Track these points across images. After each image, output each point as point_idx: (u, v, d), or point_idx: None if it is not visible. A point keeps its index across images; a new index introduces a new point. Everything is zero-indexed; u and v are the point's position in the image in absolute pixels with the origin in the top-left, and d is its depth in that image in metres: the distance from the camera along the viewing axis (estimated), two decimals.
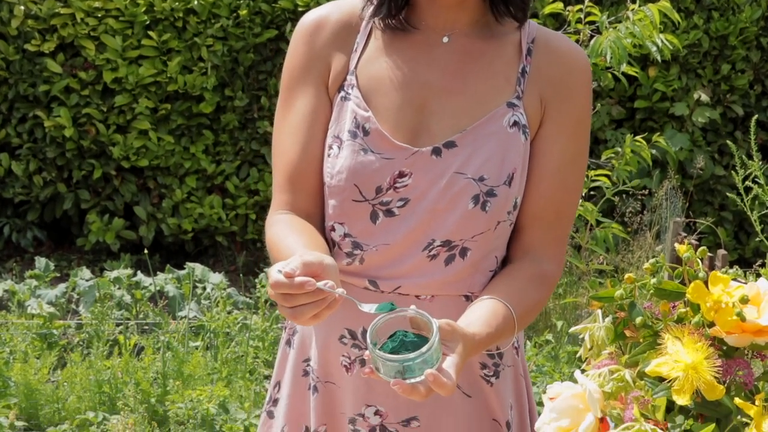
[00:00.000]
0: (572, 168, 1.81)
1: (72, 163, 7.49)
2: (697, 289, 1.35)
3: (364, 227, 1.77)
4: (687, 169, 7.17)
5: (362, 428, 1.80)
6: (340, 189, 1.77)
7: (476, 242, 1.76)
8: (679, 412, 1.31)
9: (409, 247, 1.75)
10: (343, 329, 1.80)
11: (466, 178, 1.73)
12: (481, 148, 1.74)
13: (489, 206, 1.74)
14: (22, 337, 5.40)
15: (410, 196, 1.75)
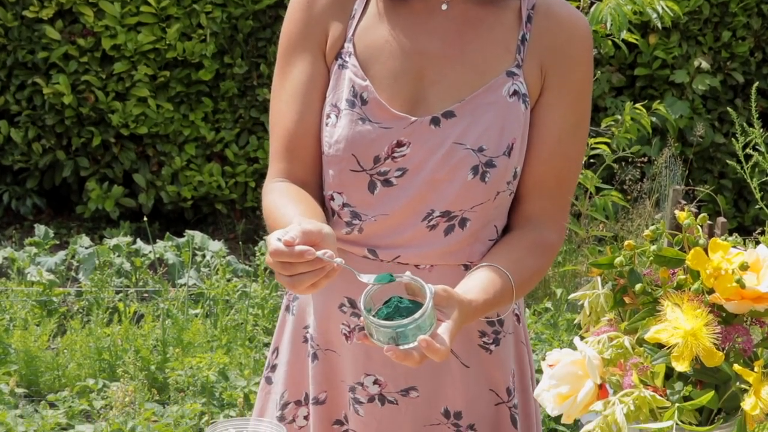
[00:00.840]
0: (573, 137, 1.80)
1: (71, 130, 7.48)
2: (697, 256, 1.35)
3: (362, 197, 1.77)
4: (687, 137, 7.15)
5: (361, 397, 1.80)
6: (338, 159, 1.77)
7: (475, 213, 1.75)
8: (678, 379, 1.31)
9: (408, 217, 1.75)
10: (343, 298, 1.80)
11: (465, 148, 1.72)
12: (480, 118, 1.73)
13: (488, 177, 1.73)
14: (21, 305, 5.40)
15: (408, 165, 1.74)
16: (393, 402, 1.79)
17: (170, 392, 4.41)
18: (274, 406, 1.92)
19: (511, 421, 1.85)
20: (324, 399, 1.86)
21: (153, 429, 3.93)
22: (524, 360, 1.90)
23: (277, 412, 1.91)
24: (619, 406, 1.26)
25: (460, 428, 1.81)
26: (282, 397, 1.90)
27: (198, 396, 4.30)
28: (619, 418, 1.25)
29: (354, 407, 1.81)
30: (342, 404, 1.85)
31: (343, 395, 1.84)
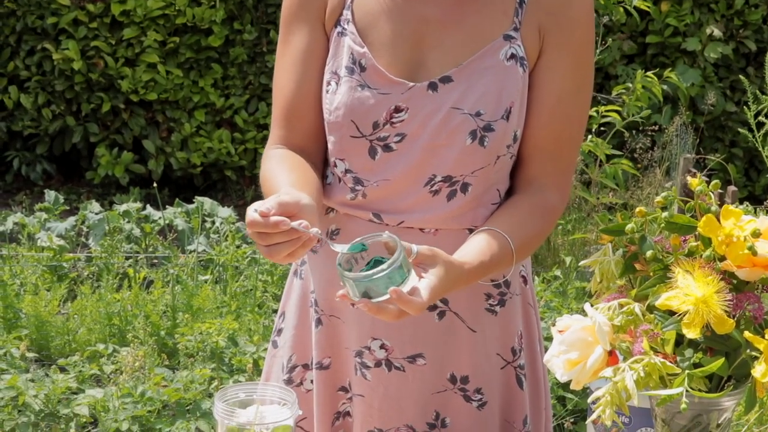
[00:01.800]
0: (574, 99, 1.79)
1: (81, 96, 7.47)
2: (709, 223, 1.35)
3: (363, 163, 1.77)
4: (698, 105, 7.12)
5: (368, 361, 1.81)
6: (338, 125, 1.78)
7: (477, 177, 1.75)
8: (689, 346, 1.31)
9: (409, 182, 1.75)
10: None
11: (463, 113, 1.72)
12: (477, 82, 1.72)
13: (487, 141, 1.72)
14: (32, 270, 5.42)
15: (407, 131, 1.74)
16: (400, 368, 1.80)
17: (180, 357, 4.42)
18: (280, 369, 1.93)
19: (517, 382, 1.85)
20: (328, 364, 1.86)
21: (163, 393, 3.94)
22: (532, 321, 1.90)
23: (284, 376, 1.91)
24: (629, 373, 1.26)
25: (467, 392, 1.81)
26: (290, 360, 1.91)
27: (207, 361, 4.32)
28: (629, 384, 1.25)
29: (361, 372, 1.81)
30: (346, 371, 1.86)
31: (347, 362, 1.84)
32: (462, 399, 1.82)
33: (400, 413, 1.81)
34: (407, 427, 1.82)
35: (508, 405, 1.86)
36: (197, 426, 3.86)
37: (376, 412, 1.82)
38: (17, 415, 3.88)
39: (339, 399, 1.88)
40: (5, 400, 3.90)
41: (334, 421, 1.88)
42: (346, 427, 1.89)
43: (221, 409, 1.52)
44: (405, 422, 1.82)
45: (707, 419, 1.33)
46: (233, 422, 1.50)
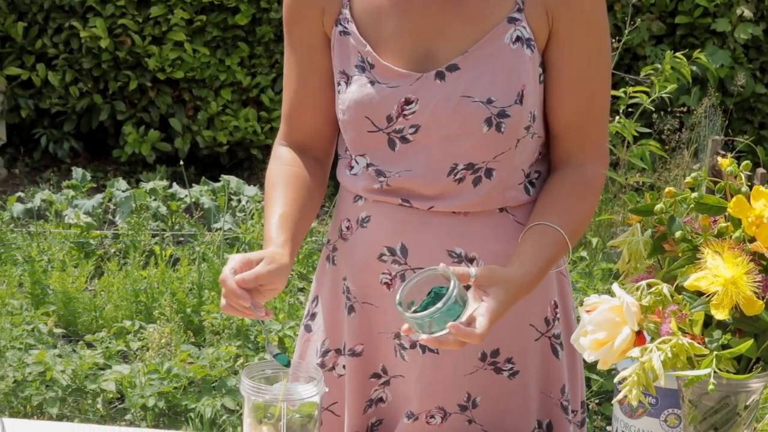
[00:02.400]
0: (595, 66, 1.77)
1: (108, 74, 7.50)
2: (739, 204, 1.34)
3: (384, 155, 1.77)
4: (727, 87, 7.07)
5: (405, 342, 1.81)
6: (353, 123, 1.78)
7: (499, 162, 1.74)
8: (717, 327, 1.30)
9: (432, 172, 1.74)
10: (383, 248, 1.80)
11: (474, 101, 1.70)
12: (484, 69, 1.70)
13: (504, 127, 1.71)
14: (59, 246, 5.46)
15: (420, 122, 1.73)
16: (434, 351, 1.79)
17: (206, 335, 4.44)
18: (314, 353, 1.93)
19: (553, 352, 1.84)
20: (360, 351, 1.86)
21: (189, 370, 3.97)
22: (566, 291, 1.89)
23: (317, 359, 1.92)
24: (656, 353, 1.25)
25: (498, 364, 1.81)
26: (323, 344, 1.91)
27: (233, 339, 4.34)
28: (656, 365, 1.25)
29: (400, 353, 1.81)
30: (380, 356, 1.85)
31: (381, 347, 1.84)
32: (493, 373, 1.81)
33: (433, 396, 1.81)
34: (438, 408, 1.82)
35: (545, 376, 1.85)
36: (223, 403, 3.88)
37: (411, 393, 1.82)
38: (45, 390, 3.92)
39: (371, 386, 1.88)
40: (33, 375, 3.94)
41: (366, 409, 1.88)
42: (379, 414, 1.89)
43: (248, 386, 1.52)
44: (437, 404, 1.82)
45: (735, 401, 1.32)
46: (260, 398, 1.51)
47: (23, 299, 4.79)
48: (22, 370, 3.93)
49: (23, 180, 7.55)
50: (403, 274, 1.77)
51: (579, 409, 1.93)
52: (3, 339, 4.17)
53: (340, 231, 1.88)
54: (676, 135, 6.28)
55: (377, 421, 1.89)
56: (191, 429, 3.76)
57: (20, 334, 4.25)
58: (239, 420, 3.82)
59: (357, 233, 1.83)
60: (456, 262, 1.75)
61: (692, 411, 1.34)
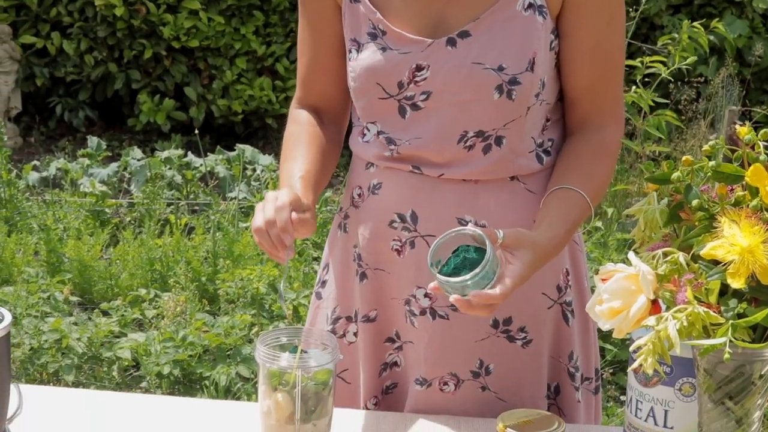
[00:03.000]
0: (610, 32, 1.76)
1: (123, 42, 7.49)
2: (757, 172, 1.33)
3: (394, 123, 1.78)
4: (745, 57, 7.03)
5: (415, 309, 1.81)
6: (364, 90, 1.79)
7: (509, 129, 1.74)
8: (733, 296, 1.29)
9: (443, 140, 1.74)
10: (393, 214, 1.80)
11: (485, 68, 1.70)
12: (495, 36, 1.70)
13: (515, 94, 1.70)
14: (75, 215, 5.47)
15: (431, 88, 1.73)
16: (444, 317, 1.79)
17: (221, 303, 4.46)
18: (324, 320, 1.94)
19: (564, 319, 1.84)
20: (375, 317, 1.87)
21: (204, 338, 3.98)
22: (578, 258, 1.89)
23: (328, 326, 1.92)
24: (672, 322, 1.25)
25: (510, 332, 1.81)
26: (334, 312, 1.92)
27: (248, 307, 4.35)
28: (672, 333, 1.24)
29: (410, 319, 1.82)
30: (393, 321, 1.86)
31: (395, 312, 1.85)
32: (506, 341, 1.81)
33: (444, 361, 1.81)
34: (451, 375, 1.82)
35: (556, 342, 1.86)
36: (237, 371, 3.90)
37: (422, 359, 1.82)
38: (61, 357, 3.94)
39: (386, 350, 1.88)
40: (49, 342, 3.96)
41: (381, 372, 1.89)
42: (394, 377, 1.89)
43: (263, 353, 1.52)
44: (449, 370, 1.82)
45: (750, 370, 1.32)
46: (274, 365, 1.51)
47: (39, 267, 4.81)
48: (38, 337, 3.96)
49: (39, 149, 7.57)
50: (413, 241, 1.78)
51: (592, 376, 1.93)
52: (19, 307, 4.19)
53: (352, 198, 1.89)
54: (693, 105, 6.25)
55: (392, 384, 1.90)
56: (206, 396, 3.78)
57: (36, 302, 4.27)
58: (254, 388, 3.83)
59: (368, 200, 1.83)
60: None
61: (707, 380, 1.34)
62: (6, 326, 1.48)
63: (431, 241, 1.74)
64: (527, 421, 1.50)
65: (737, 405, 1.33)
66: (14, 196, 5.61)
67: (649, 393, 1.50)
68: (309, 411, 1.53)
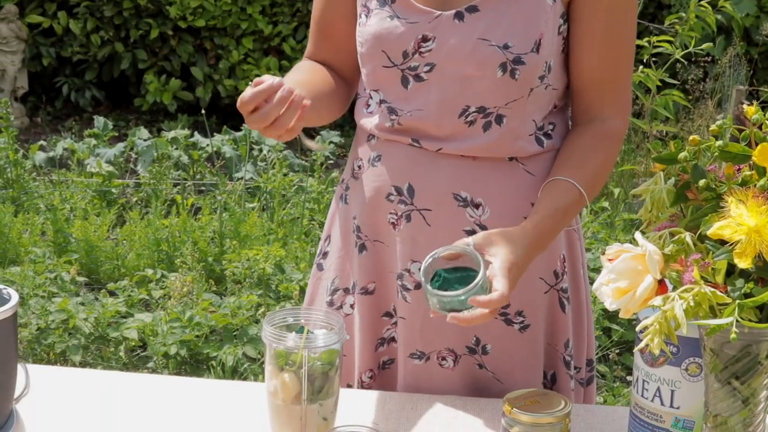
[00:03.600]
0: (624, 20, 1.75)
1: (129, 22, 7.48)
2: (764, 152, 1.32)
3: (397, 93, 1.78)
4: (752, 36, 6.99)
5: (408, 284, 1.81)
6: (369, 56, 1.79)
7: (511, 109, 1.73)
8: (740, 276, 1.29)
9: (444, 113, 1.74)
10: (390, 187, 1.81)
11: (491, 45, 1.70)
12: (503, 13, 1.69)
13: (518, 74, 1.70)
14: (81, 195, 5.48)
15: (435, 60, 1.73)
16: None
17: (227, 284, 4.47)
18: (324, 291, 1.94)
19: (560, 305, 1.84)
20: (372, 290, 1.87)
21: (210, 319, 3.99)
22: (575, 246, 1.89)
23: (327, 298, 1.93)
24: (678, 302, 1.25)
25: (508, 316, 1.81)
26: (333, 283, 1.92)
27: (254, 288, 4.36)
28: (679, 313, 1.24)
29: (402, 294, 1.82)
30: (391, 295, 1.86)
31: (392, 286, 1.85)
32: (503, 323, 1.82)
33: (441, 336, 1.82)
34: (448, 350, 1.82)
35: (551, 328, 1.86)
36: (244, 351, 3.91)
37: (417, 334, 1.83)
38: (68, 337, 3.95)
39: (383, 324, 1.89)
40: (56, 322, 3.97)
41: (377, 347, 1.89)
42: (391, 353, 1.90)
43: (269, 333, 1.53)
44: (446, 345, 1.82)
45: (757, 350, 1.32)
46: (281, 346, 1.51)
47: (46, 247, 4.82)
48: (45, 317, 3.97)
49: (45, 129, 7.57)
50: (409, 215, 1.78)
51: (583, 366, 1.93)
52: (26, 287, 4.20)
53: (353, 170, 1.90)
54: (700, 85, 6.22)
55: (389, 360, 1.90)
56: (213, 377, 3.79)
57: (43, 282, 4.28)
58: (260, 368, 3.84)
59: (367, 172, 1.84)
60: (461, 206, 1.75)
61: (714, 360, 1.34)
62: (13, 306, 1.48)
63: (428, 216, 1.75)
64: (533, 401, 1.50)
65: (744, 385, 1.33)
66: (21, 176, 5.62)
67: (655, 373, 1.50)
68: (315, 391, 1.53)
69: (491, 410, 1.71)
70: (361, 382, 1.90)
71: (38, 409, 1.66)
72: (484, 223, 1.75)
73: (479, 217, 1.76)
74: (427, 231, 1.77)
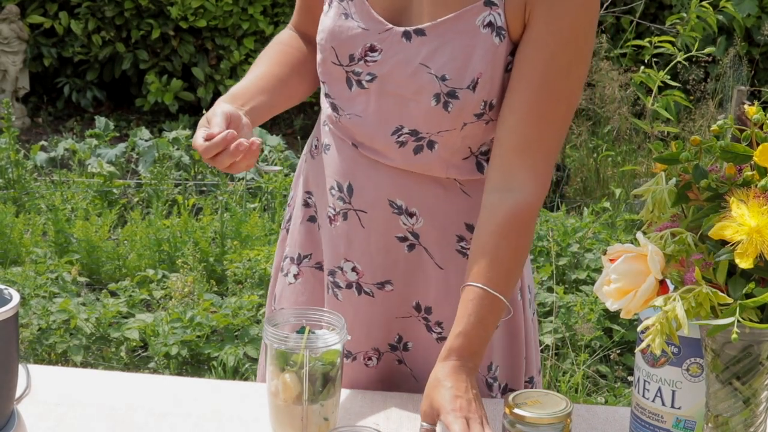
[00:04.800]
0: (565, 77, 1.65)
1: (130, 22, 7.48)
2: (765, 152, 1.32)
3: (340, 92, 1.78)
4: (754, 36, 6.99)
5: (341, 281, 1.81)
6: (322, 48, 1.79)
7: (443, 138, 1.71)
8: (741, 276, 1.29)
9: (379, 127, 1.73)
10: (333, 181, 1.80)
11: (429, 72, 1.67)
12: (447, 44, 1.66)
13: (451, 107, 1.67)
14: (83, 195, 5.48)
15: (378, 72, 1.72)
16: (369, 293, 1.79)
17: (228, 284, 4.47)
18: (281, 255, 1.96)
19: None
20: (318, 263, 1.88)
21: (211, 319, 3.99)
22: None
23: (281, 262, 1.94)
24: (679, 302, 1.25)
25: (429, 323, 1.81)
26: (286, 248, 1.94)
27: (256, 288, 4.36)
28: (680, 313, 1.24)
29: (333, 291, 1.82)
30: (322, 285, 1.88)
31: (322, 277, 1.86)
32: (424, 328, 1.82)
33: (368, 337, 1.82)
34: (374, 350, 1.83)
35: None
36: (245, 351, 3.91)
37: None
38: (69, 338, 3.95)
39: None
40: (57, 323, 3.97)
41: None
42: None
43: (270, 334, 1.53)
44: (372, 345, 1.83)
45: (758, 350, 1.32)
46: (282, 346, 1.51)
47: (47, 248, 4.82)
48: (46, 318, 3.97)
49: (46, 129, 7.57)
50: (346, 213, 1.78)
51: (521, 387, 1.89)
52: (27, 287, 4.21)
53: (311, 146, 1.91)
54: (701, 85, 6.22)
55: None
56: (214, 377, 3.79)
57: (44, 283, 4.28)
58: None
59: (318, 157, 1.86)
60: (395, 213, 1.75)
61: (715, 360, 1.34)
62: (14, 306, 1.48)
63: (363, 218, 1.76)
64: (535, 400, 1.50)
65: (745, 385, 1.33)
66: (22, 176, 5.62)
67: (656, 373, 1.50)
68: (317, 391, 1.53)
69: (492, 410, 1.70)
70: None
71: (39, 409, 1.66)
72: (417, 231, 1.75)
73: (412, 226, 1.75)
74: (361, 232, 1.77)
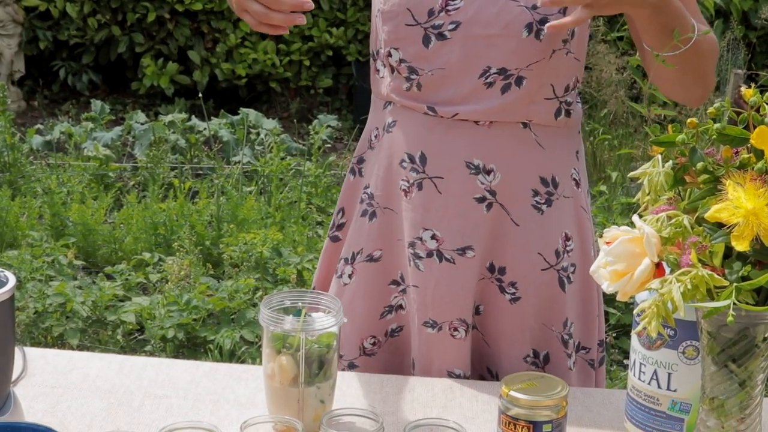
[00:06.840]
0: None
1: (126, 5, 7.46)
2: (762, 135, 1.32)
3: (417, 51, 1.78)
4: (751, 20, 6.98)
5: (421, 251, 1.81)
6: (393, 14, 1.79)
7: (531, 71, 1.74)
8: (737, 259, 1.29)
9: (465, 73, 1.75)
10: (403, 154, 1.81)
11: (519, 5, 1.71)
12: None
13: (543, 34, 1.72)
14: (79, 179, 5.47)
15: (462, 19, 1.74)
16: (450, 260, 1.79)
17: (225, 267, 4.47)
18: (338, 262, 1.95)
19: (559, 285, 1.83)
20: (379, 257, 1.87)
21: (208, 302, 3.99)
22: (585, 226, 1.88)
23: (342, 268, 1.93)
24: (676, 285, 1.25)
25: (503, 284, 1.81)
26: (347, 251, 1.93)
27: (252, 271, 4.36)
28: (676, 296, 1.24)
29: (414, 262, 1.82)
30: (398, 264, 1.86)
31: (400, 254, 1.85)
32: (497, 290, 1.82)
33: (453, 306, 1.81)
34: (461, 321, 1.82)
35: (548, 308, 1.84)
36: (241, 334, 3.91)
37: (430, 302, 1.82)
38: (65, 321, 3.95)
39: (390, 292, 1.88)
40: (54, 306, 3.97)
41: (384, 314, 1.89)
42: (399, 320, 1.89)
43: (266, 316, 1.52)
44: (458, 315, 1.82)
45: (754, 332, 1.32)
46: (278, 329, 1.51)
47: (43, 231, 4.82)
48: (42, 301, 3.97)
49: (42, 112, 7.56)
50: (421, 183, 1.78)
51: (594, 347, 1.92)
52: (23, 270, 4.20)
53: (369, 141, 1.90)
54: None
55: (397, 327, 1.90)
56: (210, 360, 3.80)
57: (40, 266, 4.28)
58: (258, 351, 3.85)
59: (383, 139, 1.85)
60: (472, 174, 1.76)
61: (711, 342, 1.34)
62: (10, 289, 1.48)
63: (439, 184, 1.76)
64: (531, 384, 1.50)
65: (741, 368, 1.33)
66: (18, 159, 5.61)
67: (652, 356, 1.50)
68: (313, 374, 1.53)
69: (489, 393, 1.71)
70: (363, 348, 1.89)
71: (36, 392, 1.66)
72: (494, 188, 1.77)
73: (490, 183, 1.77)
74: (438, 199, 1.78)
